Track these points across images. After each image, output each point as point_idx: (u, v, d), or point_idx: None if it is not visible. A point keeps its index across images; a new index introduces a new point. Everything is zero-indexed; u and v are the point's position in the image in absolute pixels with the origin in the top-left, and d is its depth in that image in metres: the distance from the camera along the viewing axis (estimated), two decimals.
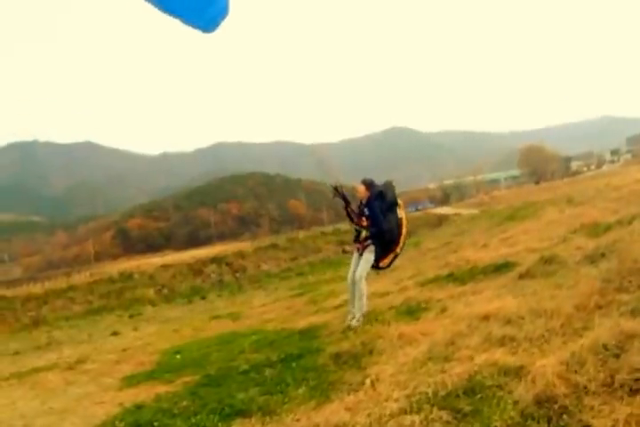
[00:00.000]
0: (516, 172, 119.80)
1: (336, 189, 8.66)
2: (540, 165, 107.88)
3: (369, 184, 8.87)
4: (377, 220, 8.55)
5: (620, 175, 33.07)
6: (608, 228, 11.29)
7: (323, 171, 9.60)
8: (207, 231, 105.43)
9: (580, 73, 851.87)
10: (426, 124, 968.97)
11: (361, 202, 8.83)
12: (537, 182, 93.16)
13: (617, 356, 3.94)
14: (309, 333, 8.93)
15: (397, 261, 9.27)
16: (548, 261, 9.30)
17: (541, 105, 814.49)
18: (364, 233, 8.69)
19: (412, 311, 8.39)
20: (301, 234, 49.99)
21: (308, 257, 41.80)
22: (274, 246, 45.26)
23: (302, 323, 10.41)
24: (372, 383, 5.16)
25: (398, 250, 8.85)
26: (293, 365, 6.77)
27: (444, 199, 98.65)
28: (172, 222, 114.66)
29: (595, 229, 11.80)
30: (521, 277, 8.89)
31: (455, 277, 11.09)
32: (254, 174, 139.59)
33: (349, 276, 8.78)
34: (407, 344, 6.30)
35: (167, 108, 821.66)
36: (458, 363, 4.92)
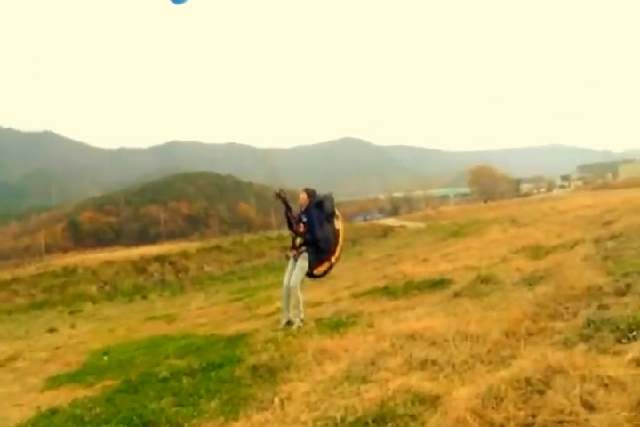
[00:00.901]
0: (466, 189, 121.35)
1: (279, 193, 8.80)
2: (489, 185, 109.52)
3: (311, 193, 9.05)
4: (313, 227, 8.67)
5: (567, 200, 33.47)
6: (549, 251, 11.18)
7: (271, 175, 9.75)
8: (157, 229, 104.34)
9: (532, 101, 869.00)
10: (379, 138, 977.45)
11: (301, 209, 8.97)
12: (485, 201, 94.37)
13: (541, 392, 3.53)
14: (236, 341, 8.64)
15: (337, 270, 9.52)
16: (484, 280, 9.13)
17: (493, 128, 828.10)
18: (298, 240, 8.79)
19: (340, 324, 8.09)
20: (246, 238, 49.45)
21: (252, 261, 41.49)
22: (218, 248, 44.71)
23: (232, 329, 10.21)
24: (282, 402, 4.84)
25: (333, 260, 8.94)
26: (212, 375, 6.46)
27: (393, 211, 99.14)
28: (122, 218, 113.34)
29: (536, 252, 11.66)
30: (456, 295, 8.64)
31: (390, 291, 10.83)
32: (206, 174, 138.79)
33: (284, 282, 8.85)
34: (328, 360, 5.96)
35: (126, 104, 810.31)
36: (374, 386, 4.59)
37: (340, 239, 9.06)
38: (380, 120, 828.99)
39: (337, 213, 9.22)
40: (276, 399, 4.93)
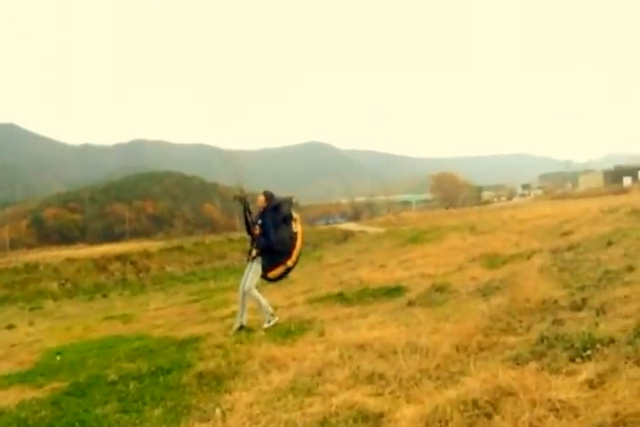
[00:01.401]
0: (428, 196, 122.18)
1: (238, 194, 8.95)
2: (451, 192, 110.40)
3: (269, 196, 8.95)
4: (267, 230, 8.60)
5: (527, 209, 33.67)
6: (506, 260, 11.04)
7: (235, 176, 9.10)
8: (121, 227, 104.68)
9: (501, 110, 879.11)
10: (345, 142, 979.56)
11: (259, 211, 8.87)
12: (447, 208, 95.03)
13: (488, 416, 3.31)
14: (188, 344, 8.35)
15: (296, 274, 9.31)
16: (439, 289, 8.98)
17: (461, 135, 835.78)
18: (254, 243, 8.73)
19: (291, 331, 7.88)
20: (208, 239, 49.08)
21: (213, 262, 41.15)
22: (180, 249, 44.31)
23: (187, 332, 9.87)
24: (224, 414, 4.59)
25: (289, 263, 8.83)
26: (160, 380, 6.19)
27: (355, 216, 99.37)
28: (87, 215, 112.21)
29: (493, 261, 11.52)
30: (410, 303, 8.46)
31: (344, 298, 10.60)
32: (171, 174, 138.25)
33: (241, 285, 8.77)
34: (275, 369, 5.74)
35: (92, 99, 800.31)
36: (318, 399, 4.41)
37: (298, 243, 8.95)
38: (346, 125, 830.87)
39: (295, 215, 9.10)
40: (218, 411, 4.70)
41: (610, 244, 9.16)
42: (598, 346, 4.04)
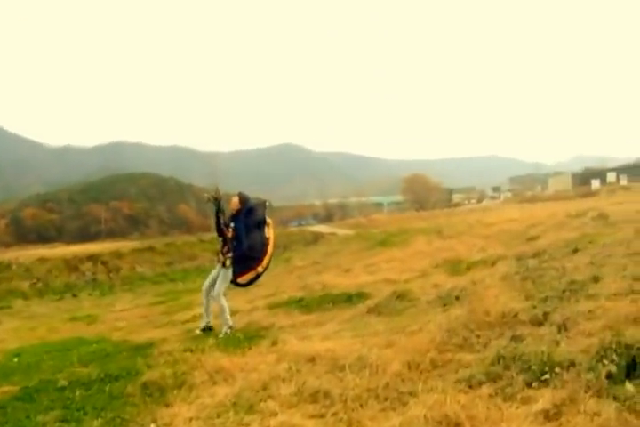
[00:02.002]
0: (399, 198, 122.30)
1: (213, 194, 8.55)
2: (422, 194, 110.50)
3: (243, 198, 8.78)
4: (240, 234, 8.46)
5: (495, 212, 33.65)
6: (470, 266, 10.83)
7: (211, 177, 8.79)
8: (98, 227, 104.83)
9: (469, 113, 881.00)
10: (318, 144, 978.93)
11: (232, 213, 8.71)
12: (417, 210, 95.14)
13: None
14: (142, 350, 8.08)
15: (264, 276, 9.17)
16: (400, 296, 8.73)
17: (432, 138, 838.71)
18: (225, 245, 8.54)
19: (246, 339, 7.63)
20: (179, 239, 48.61)
21: (184, 263, 40.97)
22: (151, 249, 43.81)
23: (145, 336, 9.60)
24: None
25: (260, 269, 8.74)
26: (107, 388, 5.93)
27: (328, 217, 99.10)
28: (64, 215, 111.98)
29: (457, 267, 11.31)
30: (369, 311, 8.27)
31: (305, 304, 10.37)
32: (147, 175, 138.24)
33: (203, 287, 8.74)
34: (222, 381, 5.48)
35: (73, 101, 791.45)
36: (258, 417, 4.20)
37: (270, 248, 8.81)
38: (319, 127, 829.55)
39: (268, 220, 8.93)
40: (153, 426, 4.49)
41: (575, 251, 8.90)
42: (557, 369, 3.70)
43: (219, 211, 8.50)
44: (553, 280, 7.03)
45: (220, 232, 8.57)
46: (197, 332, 8.62)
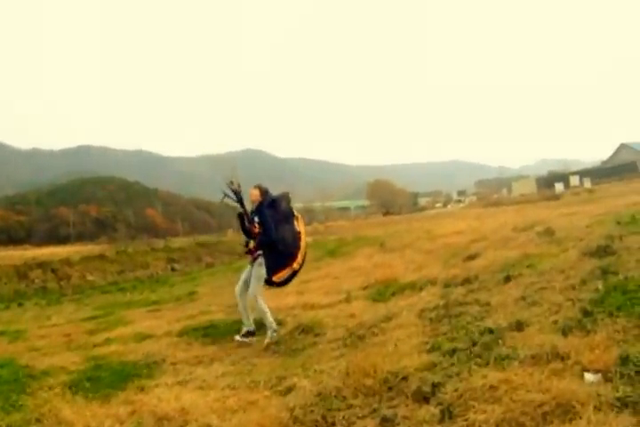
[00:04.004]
0: (365, 202, 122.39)
1: (230, 185, 8.01)
2: (387, 198, 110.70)
3: (264, 190, 8.20)
4: (267, 227, 7.83)
5: (449, 220, 32.83)
6: (397, 291, 9.67)
7: (230, 175, 8.41)
8: (66, 230, 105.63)
9: (432, 117, 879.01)
10: (282, 150, 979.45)
11: (253, 207, 8.17)
12: (384, 214, 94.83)
13: None
14: (26, 383, 7.23)
15: (205, 289, 9.23)
16: (305, 330, 7.81)
17: (395, 143, 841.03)
18: (251, 243, 7.96)
19: (121, 379, 6.91)
20: (130, 247, 47.19)
21: (136, 272, 39.68)
22: (102, 257, 42.43)
23: (48, 362, 8.63)
24: None
25: (295, 265, 8.04)
26: None
27: None
28: (33, 217, 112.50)
29: (384, 291, 10.11)
30: (267, 347, 7.48)
31: (211, 332, 9.34)
32: (114, 179, 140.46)
33: (236, 291, 8.25)
34: None
35: (41, 105, 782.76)
36: None
37: (303, 243, 8.14)
38: (283, 133, 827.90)
39: (296, 214, 8.34)
40: None
41: (508, 279, 7.70)
42: None
43: (242, 205, 7.98)
44: (470, 324, 5.83)
45: (247, 232, 8.03)
46: (238, 339, 8.04)
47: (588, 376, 3.75)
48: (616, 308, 5.00)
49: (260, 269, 7.87)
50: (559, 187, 64.94)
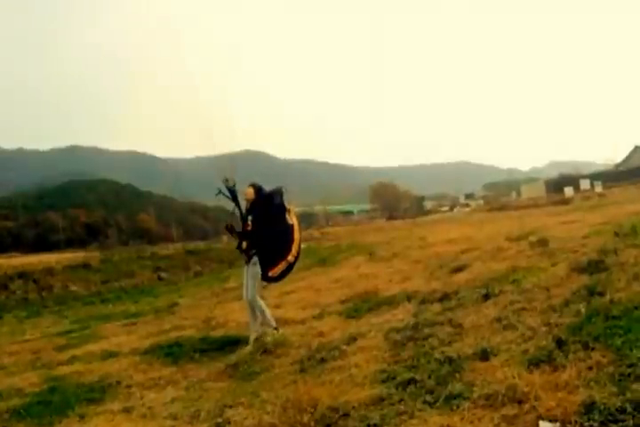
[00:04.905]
0: (367, 205, 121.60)
1: (226, 181, 8.21)
2: (391, 202, 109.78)
3: (258, 187, 8.37)
4: (261, 225, 8.05)
5: (450, 225, 32.36)
6: (373, 307, 9.13)
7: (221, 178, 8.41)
8: (55, 236, 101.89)
9: (438, 117, 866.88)
10: (282, 151, 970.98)
11: (248, 205, 8.29)
12: (388, 219, 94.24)
13: None
14: None
15: (186, 301, 8.63)
16: (267, 351, 7.33)
17: (400, 144, 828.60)
18: (244, 244, 8.03)
19: (68, 405, 6.54)
20: (116, 255, 46.40)
21: (121, 281, 38.66)
22: (85, 266, 41.58)
23: (8, 382, 8.47)
24: None
25: (290, 258, 8.17)
26: None
27: None
28: (19, 223, 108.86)
29: (361, 306, 9.57)
30: (225, 369, 7.01)
31: (174, 351, 8.80)
32: (105, 182, 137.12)
33: (243, 293, 8.31)
34: None
35: (28, 103, 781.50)
36: None
37: (297, 235, 8.29)
38: (282, 134, 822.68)
39: (288, 207, 8.48)
40: None
41: (487, 297, 7.12)
42: None
43: (237, 204, 8.20)
44: (435, 349, 5.35)
45: (241, 237, 8.09)
46: (248, 348, 7.77)
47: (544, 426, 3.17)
48: (593, 338, 4.44)
49: (255, 268, 8.00)
50: (569, 191, 64.24)
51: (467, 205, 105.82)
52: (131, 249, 56.67)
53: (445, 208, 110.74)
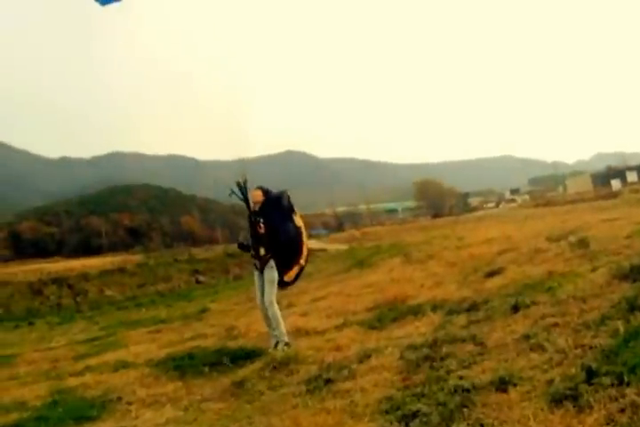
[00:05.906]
0: (412, 203, 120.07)
1: (238, 184, 8.18)
2: (436, 199, 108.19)
3: (266, 191, 8.40)
4: (275, 227, 7.99)
5: (493, 222, 31.47)
6: (398, 317, 8.57)
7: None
8: (98, 241, 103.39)
9: (480, 112, 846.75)
10: (323, 150, 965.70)
11: (254, 209, 8.21)
12: (434, 216, 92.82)
13: None
14: None
15: (219, 306, 8.28)
16: (277, 368, 6.83)
17: (442, 140, 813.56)
18: (261, 250, 7.92)
19: (68, 421, 6.48)
20: (152, 260, 46.28)
21: (157, 285, 38.68)
22: (121, 270, 41.55)
23: (12, 396, 8.38)
24: None
25: (302, 261, 8.23)
26: None
27: (338, 226, 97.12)
28: (63, 229, 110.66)
29: (387, 314, 9.06)
30: (231, 387, 6.59)
31: (184, 363, 8.43)
32: (148, 186, 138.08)
33: (258, 299, 8.17)
34: None
35: (70, 111, 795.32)
36: None
37: (305, 238, 8.33)
38: (323, 133, 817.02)
39: (296, 210, 8.46)
40: None
41: (517, 309, 6.42)
42: None
43: (248, 205, 8.16)
44: (450, 374, 4.73)
45: (254, 230, 7.98)
46: (270, 351, 7.70)
47: None
48: (629, 369, 3.60)
49: (272, 272, 7.89)
50: (616, 184, 62.39)
51: (512, 201, 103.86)
52: (169, 253, 56.56)
53: (491, 204, 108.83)
